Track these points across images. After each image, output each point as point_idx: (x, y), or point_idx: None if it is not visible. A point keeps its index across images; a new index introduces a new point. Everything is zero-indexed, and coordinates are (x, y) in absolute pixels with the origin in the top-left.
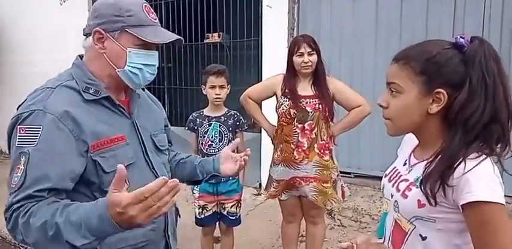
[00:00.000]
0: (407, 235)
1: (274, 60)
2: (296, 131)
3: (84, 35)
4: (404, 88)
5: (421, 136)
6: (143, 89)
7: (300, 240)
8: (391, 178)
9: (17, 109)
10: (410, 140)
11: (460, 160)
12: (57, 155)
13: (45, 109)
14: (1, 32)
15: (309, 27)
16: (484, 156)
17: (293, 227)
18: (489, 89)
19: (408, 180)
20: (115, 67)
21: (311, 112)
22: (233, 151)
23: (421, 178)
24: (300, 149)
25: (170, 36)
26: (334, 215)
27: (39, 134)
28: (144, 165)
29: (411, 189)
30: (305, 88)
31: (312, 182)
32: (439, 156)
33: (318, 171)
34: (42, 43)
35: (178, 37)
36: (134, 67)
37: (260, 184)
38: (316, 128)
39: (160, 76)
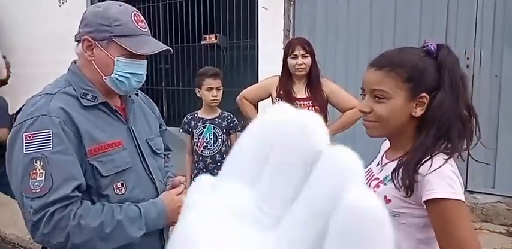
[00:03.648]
0: None
1: (270, 61)
2: None
3: (75, 41)
4: (392, 94)
5: (396, 138)
6: (137, 94)
7: None
8: (366, 178)
9: (15, 114)
10: (386, 146)
11: (428, 158)
12: (72, 155)
13: (49, 113)
14: (2, 34)
15: (305, 29)
16: (446, 157)
17: None
18: (454, 91)
19: (378, 179)
20: (102, 75)
21: None
22: (226, 154)
23: (389, 177)
24: None
25: (157, 47)
26: None
27: (50, 138)
28: (141, 169)
29: (379, 186)
30: (299, 91)
31: None
32: (413, 150)
33: None
34: (42, 45)
35: (166, 47)
36: (121, 75)
37: None
38: None
39: (158, 78)
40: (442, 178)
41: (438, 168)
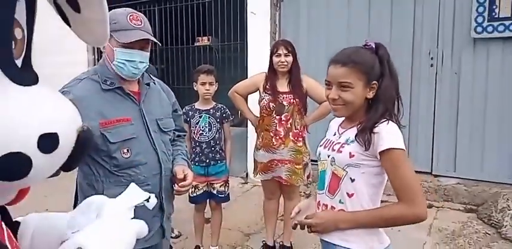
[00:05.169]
0: (342, 179)
1: (258, 61)
2: (274, 122)
3: None
4: (355, 84)
5: (353, 113)
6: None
7: (280, 219)
8: (326, 145)
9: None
10: (334, 124)
11: (379, 122)
12: None
13: (71, 91)
14: None
15: (289, 32)
16: (390, 121)
17: (273, 203)
18: (393, 77)
19: (340, 142)
20: (110, 62)
21: (287, 105)
22: (219, 140)
23: (351, 139)
24: (277, 137)
25: (139, 37)
26: None
27: None
28: (146, 140)
29: (344, 146)
30: (282, 86)
31: (286, 164)
32: (368, 119)
33: (293, 155)
34: (42, 46)
35: (145, 37)
36: (120, 62)
37: (247, 174)
38: (291, 119)
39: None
40: (391, 134)
41: (385, 127)
